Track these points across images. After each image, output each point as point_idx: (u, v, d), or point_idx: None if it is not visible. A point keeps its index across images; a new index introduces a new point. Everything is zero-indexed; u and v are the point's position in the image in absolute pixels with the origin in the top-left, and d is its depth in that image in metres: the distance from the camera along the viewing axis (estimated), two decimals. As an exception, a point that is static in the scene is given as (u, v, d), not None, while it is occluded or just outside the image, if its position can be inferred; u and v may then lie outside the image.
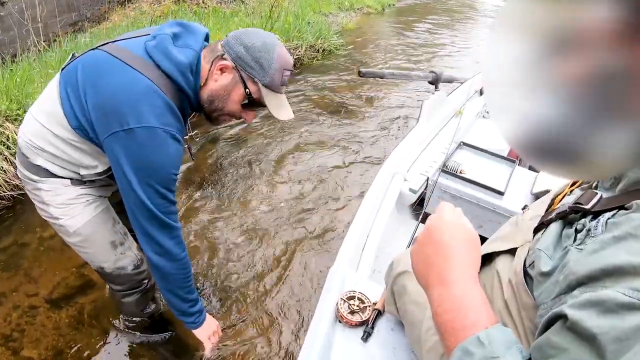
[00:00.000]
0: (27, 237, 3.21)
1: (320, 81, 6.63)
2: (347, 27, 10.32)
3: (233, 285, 2.91)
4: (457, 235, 0.84)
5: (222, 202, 3.66)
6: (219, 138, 4.73)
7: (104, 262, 1.95)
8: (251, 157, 4.34)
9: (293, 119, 1.79)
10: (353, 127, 5.10)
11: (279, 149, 4.49)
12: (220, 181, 3.95)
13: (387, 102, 5.96)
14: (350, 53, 8.29)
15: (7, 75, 4.27)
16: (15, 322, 2.55)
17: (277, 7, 7.52)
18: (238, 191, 3.80)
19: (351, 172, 4.13)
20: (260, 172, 4.07)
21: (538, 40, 0.64)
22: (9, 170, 3.57)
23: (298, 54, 7.34)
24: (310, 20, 8.40)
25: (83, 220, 1.82)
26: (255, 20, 7.29)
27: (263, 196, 3.74)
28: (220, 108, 1.65)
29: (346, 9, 11.99)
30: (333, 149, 4.55)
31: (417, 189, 2.52)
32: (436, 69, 4.28)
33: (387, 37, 10.23)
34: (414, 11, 15.04)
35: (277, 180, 3.97)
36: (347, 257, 1.88)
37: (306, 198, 3.72)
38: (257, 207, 3.60)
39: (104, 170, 1.74)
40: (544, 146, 0.70)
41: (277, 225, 3.41)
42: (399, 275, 1.37)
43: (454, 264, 0.81)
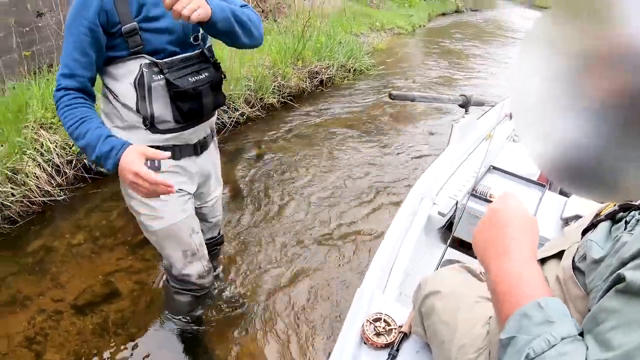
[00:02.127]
0: (56, 242, 3.27)
1: (351, 101, 6.66)
2: (378, 48, 10.38)
3: (259, 298, 2.89)
4: (518, 218, 0.88)
5: (253, 215, 3.68)
6: (249, 153, 4.77)
7: (172, 264, 2.01)
8: (279, 174, 4.36)
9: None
10: (382, 148, 5.09)
11: (308, 167, 4.50)
12: (251, 195, 3.97)
13: (416, 125, 5.94)
14: (381, 73, 8.32)
15: (44, 84, 4.38)
16: (39, 325, 2.58)
17: (310, 27, 7.59)
18: (269, 205, 3.81)
19: (380, 194, 4.11)
20: (289, 189, 4.08)
21: (568, 58, 0.64)
22: (41, 176, 3.65)
23: (329, 73, 7.39)
24: (342, 40, 8.46)
25: (163, 224, 1.87)
26: (287, 39, 7.38)
27: (292, 213, 3.74)
28: None
29: (377, 29, 12.09)
30: (362, 169, 4.54)
31: (446, 212, 2.48)
32: (466, 91, 4.27)
33: (418, 58, 10.26)
34: (444, 32, 15.08)
35: (306, 198, 3.97)
36: (374, 278, 1.87)
37: (335, 217, 3.71)
38: (285, 223, 3.60)
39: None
40: (574, 169, 0.69)
41: (306, 242, 3.40)
42: (428, 295, 1.36)
43: (515, 242, 0.83)
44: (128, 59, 1.64)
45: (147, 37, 1.62)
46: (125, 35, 1.58)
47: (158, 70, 1.65)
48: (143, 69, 1.64)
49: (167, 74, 1.65)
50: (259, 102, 5.80)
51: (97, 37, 1.57)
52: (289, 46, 6.95)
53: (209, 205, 2.23)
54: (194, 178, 1.97)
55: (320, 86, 7.18)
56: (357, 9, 13.35)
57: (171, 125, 1.76)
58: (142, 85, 1.65)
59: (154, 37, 1.63)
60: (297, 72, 6.70)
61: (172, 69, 1.67)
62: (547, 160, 0.73)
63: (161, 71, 1.65)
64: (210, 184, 2.15)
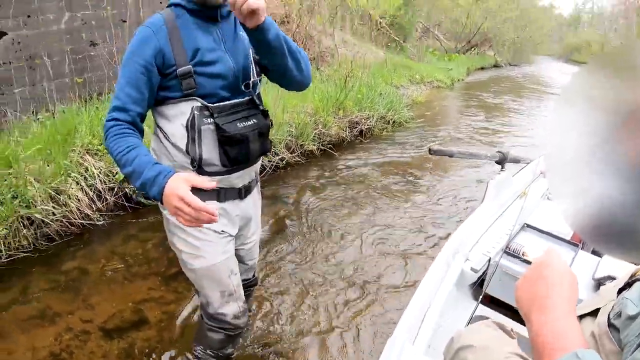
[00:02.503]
0: (91, 265, 3.35)
1: (389, 153, 6.68)
2: (418, 100, 10.46)
3: (289, 341, 2.84)
4: (561, 274, 0.90)
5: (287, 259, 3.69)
6: (286, 197, 4.85)
7: (209, 302, 2.02)
8: (316, 220, 4.36)
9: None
10: (418, 201, 5.07)
11: (343, 215, 4.50)
12: (286, 239, 3.97)
13: (453, 180, 5.91)
14: (419, 126, 8.36)
15: (93, 112, 4.57)
16: (65, 343, 2.61)
17: (352, 77, 7.72)
18: (304, 251, 3.79)
19: (414, 246, 4.08)
20: (324, 236, 4.07)
21: (606, 114, 0.63)
22: (83, 199, 3.78)
23: (369, 124, 7.45)
24: (382, 91, 8.57)
25: (203, 263, 1.91)
26: (330, 88, 7.53)
27: (326, 259, 3.72)
28: None
29: (417, 82, 12.24)
30: (397, 220, 4.53)
31: (479, 268, 2.47)
32: (503, 148, 4.27)
33: (456, 112, 10.30)
34: (483, 86, 15.16)
35: (340, 246, 3.95)
36: (405, 329, 1.85)
37: (368, 266, 3.68)
38: (319, 269, 3.57)
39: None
40: (608, 229, 0.68)
41: (339, 288, 3.35)
42: (460, 349, 1.36)
43: (557, 297, 0.86)
44: (180, 101, 1.70)
45: (201, 80, 1.68)
46: (180, 77, 1.65)
47: (209, 114, 1.70)
48: (194, 112, 1.68)
49: (217, 118, 1.70)
50: (299, 148, 5.88)
51: (151, 76, 1.64)
52: (331, 95, 7.08)
53: (247, 248, 2.24)
54: (235, 221, 1.99)
55: (360, 136, 7.24)
56: (397, 60, 13.60)
57: (218, 168, 1.79)
58: (193, 128, 1.69)
59: (207, 81, 1.69)
60: (337, 121, 6.79)
61: (222, 113, 1.72)
62: (580, 219, 0.72)
63: (212, 115, 1.69)
64: (251, 227, 2.17)
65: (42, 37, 5.16)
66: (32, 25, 5.05)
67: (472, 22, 23.68)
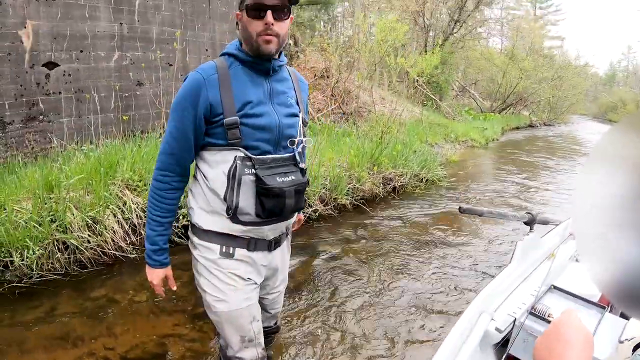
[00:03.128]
0: (119, 295, 3.37)
1: (420, 210, 6.62)
2: (452, 159, 10.42)
3: None
4: (577, 333, 0.90)
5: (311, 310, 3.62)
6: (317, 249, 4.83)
7: (229, 344, 2.01)
8: (343, 274, 4.29)
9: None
10: (446, 260, 5.00)
11: (371, 272, 4.43)
12: (313, 290, 3.91)
13: (482, 240, 5.84)
14: (451, 185, 8.32)
15: (135, 149, 4.71)
16: (86, 367, 2.61)
17: (388, 134, 7.77)
18: (328, 303, 3.72)
19: (439, 304, 4.00)
20: (350, 291, 3.99)
21: (636, 175, 0.61)
22: (118, 231, 3.85)
23: (402, 181, 7.42)
24: (417, 149, 8.57)
25: (226, 308, 1.91)
26: (365, 143, 7.58)
27: (349, 314, 3.64)
28: (248, 36, 1.74)
29: (452, 140, 12.26)
30: (425, 278, 4.46)
31: (503, 329, 2.43)
32: (532, 209, 4.24)
33: (489, 173, 10.23)
34: (517, 147, 15.05)
35: (365, 301, 3.86)
36: None
37: (393, 322, 3.62)
38: (342, 323, 3.49)
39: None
40: (636, 292, 0.66)
41: (360, 343, 3.25)
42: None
43: (571, 355, 0.86)
44: (224, 149, 1.73)
45: (246, 131, 1.71)
46: (226, 127, 1.69)
47: (251, 164, 1.73)
48: (237, 161, 1.72)
49: (258, 170, 1.72)
50: (333, 202, 5.89)
51: (199, 124, 1.71)
52: (366, 150, 7.12)
53: (271, 297, 2.23)
54: (262, 270, 2.00)
55: (393, 193, 7.20)
56: (433, 118, 13.71)
57: (252, 218, 1.81)
58: (234, 177, 1.72)
59: (251, 133, 1.72)
60: (371, 177, 6.79)
61: (263, 166, 1.75)
62: (608, 281, 0.71)
63: (253, 166, 1.72)
64: (277, 278, 2.17)
65: (92, 72, 5.41)
66: (84, 60, 5.31)
67: (507, 82, 23.79)
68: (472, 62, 24.36)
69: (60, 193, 3.75)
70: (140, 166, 4.46)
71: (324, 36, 13.87)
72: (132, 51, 5.87)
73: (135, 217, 4.05)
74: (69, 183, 3.83)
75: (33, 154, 4.86)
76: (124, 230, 3.96)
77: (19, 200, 3.70)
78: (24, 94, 4.81)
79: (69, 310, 3.12)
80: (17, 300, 3.24)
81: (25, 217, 3.50)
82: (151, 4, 6.08)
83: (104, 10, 5.49)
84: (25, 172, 4.14)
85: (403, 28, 10.27)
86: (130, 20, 5.82)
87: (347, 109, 10.78)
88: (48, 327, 2.93)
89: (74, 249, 3.60)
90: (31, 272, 3.40)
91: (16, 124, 4.77)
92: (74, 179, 3.90)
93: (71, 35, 5.14)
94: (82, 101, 5.30)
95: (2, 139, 4.65)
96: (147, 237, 1.87)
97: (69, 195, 3.78)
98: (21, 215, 3.52)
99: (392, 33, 9.89)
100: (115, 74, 5.67)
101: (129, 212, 4.04)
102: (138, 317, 3.16)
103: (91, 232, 3.71)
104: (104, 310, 3.18)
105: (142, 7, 5.97)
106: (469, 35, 20.86)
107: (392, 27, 9.97)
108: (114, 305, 3.25)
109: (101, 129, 5.41)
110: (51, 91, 5.03)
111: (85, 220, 3.69)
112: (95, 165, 4.15)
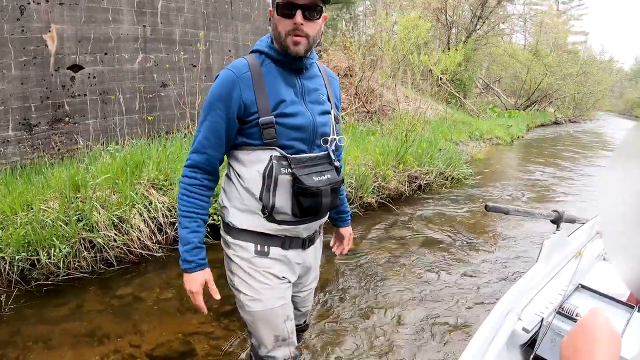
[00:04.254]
0: (145, 293, 3.36)
1: (446, 209, 6.54)
2: (477, 157, 10.30)
3: None
4: (605, 333, 0.91)
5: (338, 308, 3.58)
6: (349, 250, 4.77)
7: (261, 344, 1.98)
8: (369, 272, 4.22)
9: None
10: (471, 258, 4.92)
11: (398, 270, 4.36)
12: (339, 289, 3.87)
13: (507, 238, 5.74)
14: (477, 183, 8.20)
15: (161, 149, 4.74)
16: (111, 364, 2.60)
17: (412, 132, 7.71)
18: (355, 302, 3.68)
19: (465, 303, 3.95)
20: (376, 290, 3.93)
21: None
22: (144, 230, 3.86)
23: (428, 179, 7.35)
24: (442, 147, 8.47)
25: (260, 307, 1.88)
26: (390, 141, 7.51)
27: (376, 313, 3.59)
28: (277, 35, 1.71)
29: (476, 138, 12.11)
30: (449, 277, 4.39)
31: (530, 329, 2.38)
32: (559, 207, 4.16)
33: (514, 170, 10.07)
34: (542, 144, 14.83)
35: (391, 300, 3.80)
36: None
37: (417, 321, 3.55)
38: (369, 321, 3.43)
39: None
40: None
41: (386, 344, 3.18)
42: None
43: (598, 353, 0.88)
44: (259, 148, 1.71)
45: (281, 131, 1.69)
46: (262, 126, 1.67)
47: (287, 164, 1.71)
48: (273, 161, 1.70)
49: (294, 169, 1.70)
50: (358, 200, 5.86)
51: (232, 124, 1.69)
52: (392, 149, 7.06)
53: (302, 295, 2.19)
54: (296, 269, 1.97)
55: (418, 191, 7.12)
56: (457, 116, 13.56)
57: (288, 217, 1.79)
58: (270, 176, 1.70)
59: (286, 132, 1.70)
60: (397, 175, 6.73)
61: (299, 165, 1.73)
62: (637, 280, 0.71)
63: (289, 165, 1.70)
64: (310, 276, 2.15)
65: (116, 74, 5.46)
66: (108, 62, 5.36)
67: (531, 78, 23.43)
68: (495, 59, 24.08)
69: (87, 192, 3.78)
70: (165, 166, 4.48)
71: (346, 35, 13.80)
72: (155, 53, 5.91)
73: (161, 216, 4.06)
74: (95, 183, 3.85)
75: (59, 155, 4.92)
76: (150, 229, 3.96)
77: (46, 200, 3.73)
78: (50, 97, 4.87)
79: (95, 308, 3.14)
80: (44, 298, 3.27)
81: (52, 217, 3.52)
82: (173, 5, 6.12)
83: (127, 13, 5.53)
84: (52, 173, 4.18)
85: (425, 25, 10.15)
86: (153, 22, 5.86)
87: (371, 108, 10.72)
88: (74, 324, 2.94)
89: (100, 247, 3.61)
90: (58, 270, 3.42)
91: (42, 126, 4.83)
92: (100, 179, 3.92)
93: (95, 38, 5.19)
94: (107, 103, 5.35)
95: (28, 140, 4.72)
96: (180, 239, 1.78)
97: (95, 195, 3.79)
98: (48, 215, 3.54)
99: (414, 31, 9.80)
100: (140, 76, 5.71)
101: (155, 211, 4.04)
102: (164, 315, 3.15)
103: (117, 231, 3.72)
104: (130, 308, 3.18)
105: (165, 9, 6.01)
106: (491, 31, 20.62)
107: (414, 25, 9.87)
108: (140, 303, 3.25)
109: (126, 130, 5.46)
110: (76, 93, 5.08)
111: (111, 219, 3.71)
112: (121, 165, 4.18)
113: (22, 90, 4.66)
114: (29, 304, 3.18)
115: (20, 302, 3.17)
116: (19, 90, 4.63)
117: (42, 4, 4.68)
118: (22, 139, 4.70)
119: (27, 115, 4.70)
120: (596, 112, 34.75)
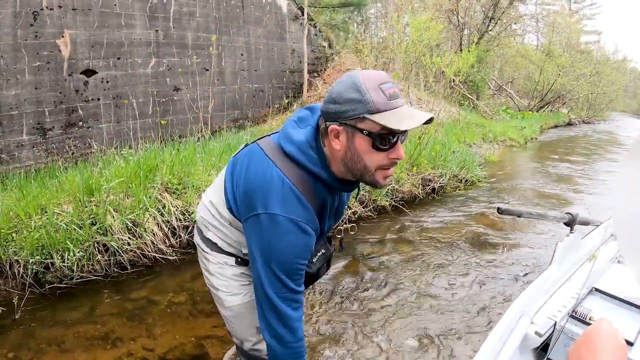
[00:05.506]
0: (158, 297, 3.34)
1: (460, 212, 6.47)
2: (490, 159, 10.22)
3: None
4: (609, 343, 0.96)
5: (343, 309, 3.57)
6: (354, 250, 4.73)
7: (244, 340, 1.99)
8: (380, 275, 4.19)
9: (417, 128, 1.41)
10: (484, 261, 4.86)
11: (410, 274, 4.33)
12: (346, 290, 3.86)
13: (521, 241, 5.67)
14: (491, 186, 8.14)
15: (174, 153, 4.74)
16: (124, 367, 2.59)
17: (426, 135, 7.68)
18: (361, 304, 3.66)
19: (478, 306, 3.89)
20: (385, 292, 3.90)
21: None
22: (158, 234, 3.86)
23: (442, 182, 7.28)
24: (456, 149, 8.40)
25: (239, 300, 1.89)
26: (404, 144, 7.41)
27: (382, 317, 3.57)
28: (361, 168, 1.49)
29: (490, 140, 12.02)
30: (462, 280, 4.35)
31: (543, 332, 2.35)
32: (573, 210, 4.11)
33: (528, 173, 9.97)
34: (556, 146, 14.66)
35: (401, 303, 3.78)
36: None
37: (430, 324, 3.53)
38: (374, 325, 3.43)
39: None
40: None
41: (394, 347, 3.21)
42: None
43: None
44: None
45: None
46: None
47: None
48: None
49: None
50: (372, 203, 5.81)
51: None
52: (405, 151, 7.01)
53: None
54: None
55: (432, 193, 7.05)
56: (470, 118, 13.47)
57: None
58: None
59: None
60: (410, 178, 6.68)
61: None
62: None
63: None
64: None
65: (129, 79, 5.48)
66: (121, 67, 5.39)
67: (544, 79, 23.22)
68: (508, 60, 23.90)
69: (101, 196, 3.79)
70: (179, 169, 4.48)
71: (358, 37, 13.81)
72: (168, 57, 5.94)
73: (174, 219, 4.05)
74: (109, 187, 3.86)
75: (73, 159, 4.95)
76: (164, 233, 3.96)
77: (60, 204, 3.75)
78: (64, 101, 4.91)
79: (109, 311, 3.14)
80: (57, 301, 3.28)
81: (66, 220, 3.54)
82: (185, 10, 6.14)
83: (140, 18, 5.56)
84: (65, 177, 4.21)
85: (437, 27, 10.12)
86: (165, 27, 5.89)
87: (384, 110, 10.69)
88: (88, 327, 2.95)
89: (114, 251, 3.62)
90: (72, 273, 3.43)
91: (56, 130, 4.87)
92: (114, 183, 3.92)
93: (108, 43, 5.23)
94: (120, 107, 5.38)
95: (42, 144, 4.76)
96: None
97: (109, 199, 3.80)
98: (62, 218, 3.56)
99: (426, 32, 9.76)
100: (153, 80, 5.74)
101: (169, 215, 4.04)
102: (177, 319, 3.13)
103: (131, 234, 3.73)
104: (143, 311, 3.17)
105: (177, 14, 6.04)
106: (504, 32, 20.48)
107: (426, 27, 9.84)
108: (154, 307, 3.24)
109: (140, 134, 5.48)
110: (90, 98, 5.11)
111: (125, 223, 3.71)
112: (135, 169, 4.19)
113: (36, 95, 4.70)
114: (43, 306, 3.19)
115: (34, 305, 3.19)
116: (33, 95, 4.68)
117: (55, 10, 4.72)
118: (36, 143, 4.74)
119: (41, 120, 4.74)
120: (610, 112, 34.39)
